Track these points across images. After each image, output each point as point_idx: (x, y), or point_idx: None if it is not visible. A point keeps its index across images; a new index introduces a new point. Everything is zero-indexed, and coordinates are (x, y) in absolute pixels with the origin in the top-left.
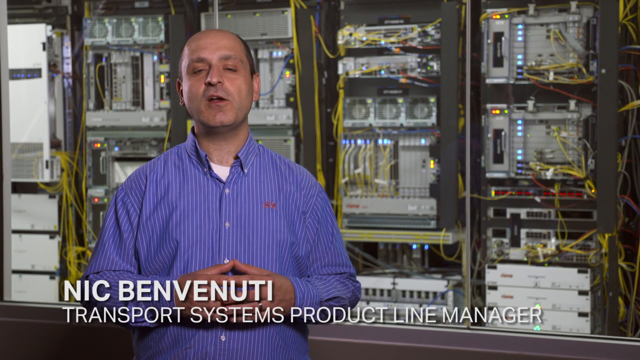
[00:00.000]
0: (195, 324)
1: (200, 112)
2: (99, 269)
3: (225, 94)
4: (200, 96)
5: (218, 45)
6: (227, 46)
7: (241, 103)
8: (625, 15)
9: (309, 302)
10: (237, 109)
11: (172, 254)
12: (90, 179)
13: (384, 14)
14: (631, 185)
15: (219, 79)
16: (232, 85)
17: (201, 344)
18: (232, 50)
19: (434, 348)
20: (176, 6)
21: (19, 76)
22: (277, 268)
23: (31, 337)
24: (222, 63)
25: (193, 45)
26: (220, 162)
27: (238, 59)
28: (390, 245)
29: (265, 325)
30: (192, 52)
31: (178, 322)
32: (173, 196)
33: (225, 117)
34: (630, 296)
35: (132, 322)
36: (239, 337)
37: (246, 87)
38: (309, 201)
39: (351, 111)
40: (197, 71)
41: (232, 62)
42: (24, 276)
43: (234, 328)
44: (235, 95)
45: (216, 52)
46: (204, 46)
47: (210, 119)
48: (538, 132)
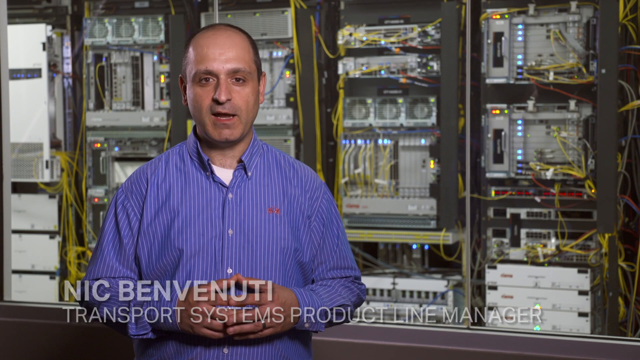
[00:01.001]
0: (198, 338)
1: (205, 126)
2: (98, 276)
3: (233, 110)
4: (205, 110)
5: (227, 57)
6: (236, 57)
7: (248, 116)
8: (625, 15)
9: (315, 315)
10: (244, 124)
11: (174, 261)
12: (90, 179)
13: (384, 14)
14: (631, 185)
15: (228, 97)
16: (240, 99)
17: (204, 357)
18: (241, 61)
19: (434, 348)
20: (176, 6)
21: (19, 76)
22: (280, 275)
23: (31, 337)
24: (230, 76)
25: (200, 52)
26: (223, 165)
27: (247, 71)
28: (390, 245)
29: (268, 339)
30: (199, 61)
31: (179, 334)
32: (175, 201)
33: (231, 133)
34: (630, 296)
35: (132, 332)
36: (242, 350)
37: (254, 97)
38: (314, 204)
39: (351, 111)
40: (203, 80)
41: (241, 75)
42: (24, 276)
43: (237, 343)
44: (243, 109)
45: (225, 65)
46: (212, 57)
47: (215, 135)
48: (538, 132)
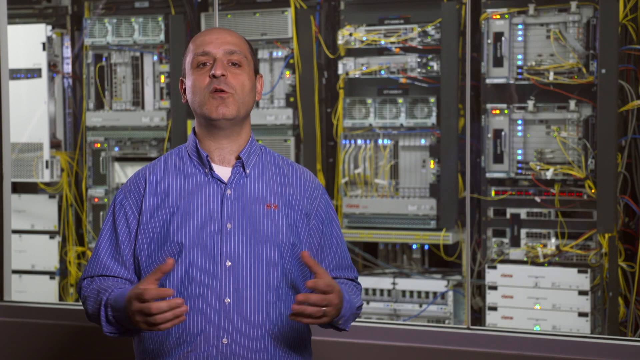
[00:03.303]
0: (197, 330)
1: (202, 104)
2: (91, 274)
3: (228, 87)
4: (203, 89)
5: (223, 41)
6: (231, 42)
7: (244, 98)
8: (625, 15)
9: (349, 312)
10: (240, 103)
11: (173, 255)
12: (90, 179)
13: (384, 14)
14: (631, 185)
15: (223, 72)
16: (235, 80)
17: (203, 347)
18: (236, 46)
19: (434, 348)
20: (176, 6)
21: (19, 76)
22: (279, 269)
23: (31, 337)
24: (226, 57)
25: (198, 40)
26: (221, 162)
27: (242, 55)
28: (390, 245)
29: (268, 328)
30: (197, 47)
31: (178, 328)
32: (174, 198)
33: (227, 109)
34: (630, 296)
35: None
36: (241, 341)
37: (249, 83)
38: (312, 203)
39: (351, 111)
40: (201, 64)
41: (237, 57)
42: (24, 276)
43: (236, 334)
44: (239, 90)
45: (221, 47)
46: (209, 41)
47: (212, 110)
48: (538, 132)
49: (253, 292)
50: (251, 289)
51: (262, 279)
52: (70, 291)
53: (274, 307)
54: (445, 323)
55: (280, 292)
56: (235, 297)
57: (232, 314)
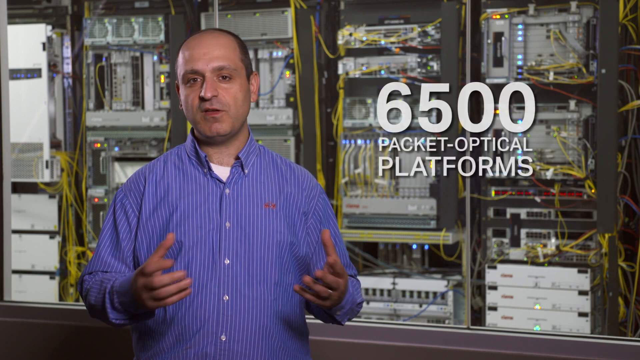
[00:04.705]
0: (196, 326)
1: (196, 123)
2: (92, 270)
3: (220, 105)
4: (195, 108)
5: (211, 56)
6: (220, 56)
7: (237, 112)
8: (625, 15)
9: (349, 304)
10: (234, 119)
11: (172, 254)
12: (90, 179)
13: (384, 14)
14: (631, 185)
15: (213, 93)
16: (227, 95)
17: (202, 344)
18: (225, 59)
19: (434, 348)
20: (176, 6)
21: (19, 76)
22: (277, 267)
23: (31, 337)
24: (215, 74)
25: (187, 54)
26: (220, 162)
27: (232, 68)
28: (390, 245)
29: (265, 326)
30: (186, 62)
31: (177, 325)
32: (173, 197)
33: (221, 127)
34: (630, 296)
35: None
36: (240, 337)
37: (242, 94)
38: (310, 202)
39: (351, 111)
40: (191, 81)
41: (227, 72)
42: (24, 276)
43: (235, 331)
44: (232, 105)
45: (209, 64)
46: (197, 57)
47: (206, 130)
48: (538, 132)
49: (251, 289)
50: (249, 286)
51: (260, 277)
52: (70, 291)
53: (271, 305)
54: (445, 323)
55: (278, 290)
56: (234, 294)
57: (230, 312)
